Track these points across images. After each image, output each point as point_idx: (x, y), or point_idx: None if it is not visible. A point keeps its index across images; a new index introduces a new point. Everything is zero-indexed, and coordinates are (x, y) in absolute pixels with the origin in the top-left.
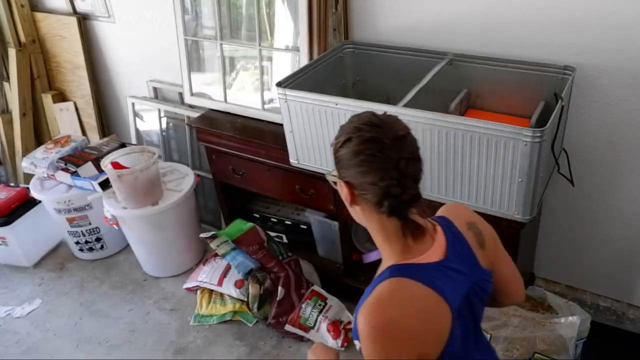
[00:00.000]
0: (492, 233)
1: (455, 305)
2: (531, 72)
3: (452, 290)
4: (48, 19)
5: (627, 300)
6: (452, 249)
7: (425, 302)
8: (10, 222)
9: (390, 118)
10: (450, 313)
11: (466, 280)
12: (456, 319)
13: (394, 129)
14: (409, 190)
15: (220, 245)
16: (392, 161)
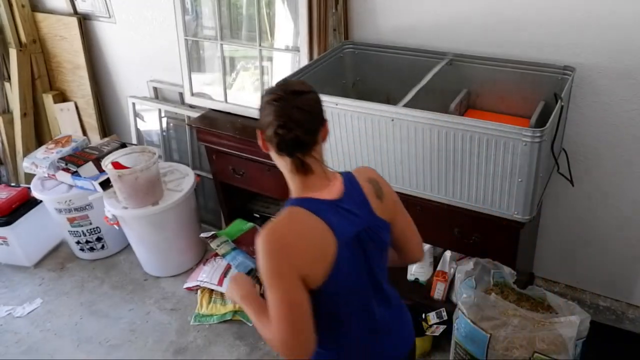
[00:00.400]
0: (392, 192)
1: (342, 237)
2: (531, 72)
3: (341, 224)
4: (49, 19)
5: (626, 300)
6: (347, 193)
7: (311, 226)
8: (11, 222)
9: (297, 81)
10: (335, 242)
11: (358, 221)
12: (342, 249)
13: (294, 87)
14: (293, 132)
15: (221, 245)
16: (283, 109)
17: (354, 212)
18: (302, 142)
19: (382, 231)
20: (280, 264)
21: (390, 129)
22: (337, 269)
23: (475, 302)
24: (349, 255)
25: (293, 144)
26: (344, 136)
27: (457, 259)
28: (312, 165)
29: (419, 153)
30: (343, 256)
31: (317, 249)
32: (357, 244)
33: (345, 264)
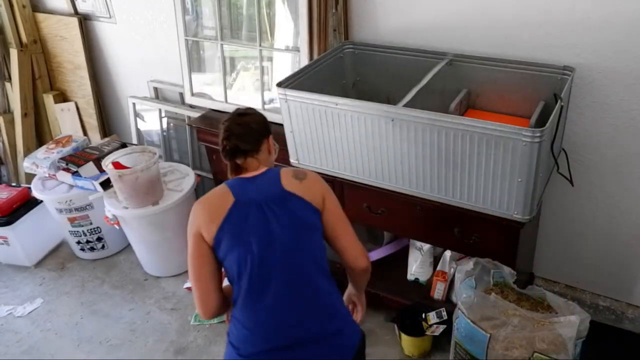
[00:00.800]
0: (320, 185)
1: (239, 198)
2: (531, 72)
3: (242, 191)
4: (49, 19)
5: (626, 299)
6: (263, 174)
7: (218, 194)
8: (11, 222)
9: (245, 107)
10: (232, 201)
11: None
12: (235, 206)
13: (239, 111)
14: (232, 142)
15: None
16: (229, 126)
17: (262, 185)
18: (241, 150)
19: (292, 203)
20: (189, 225)
21: (390, 129)
22: (227, 220)
23: (475, 302)
24: (243, 212)
25: (232, 152)
26: (344, 136)
27: (457, 259)
28: (248, 167)
29: (419, 153)
30: (234, 211)
31: (215, 208)
32: (257, 207)
33: (235, 217)
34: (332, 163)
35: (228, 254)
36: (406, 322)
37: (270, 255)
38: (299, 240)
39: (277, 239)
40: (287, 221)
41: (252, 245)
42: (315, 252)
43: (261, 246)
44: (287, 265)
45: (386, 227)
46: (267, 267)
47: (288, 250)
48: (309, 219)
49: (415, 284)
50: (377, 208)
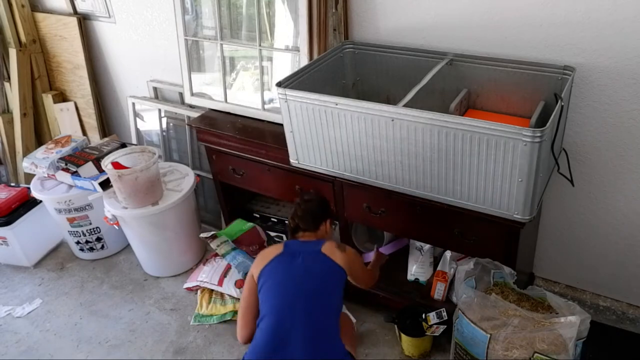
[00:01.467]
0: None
1: (286, 249)
2: (531, 72)
3: (291, 245)
4: (48, 19)
5: (626, 300)
6: (313, 241)
7: (275, 245)
8: (10, 222)
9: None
10: (282, 249)
11: (305, 247)
12: (281, 256)
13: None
14: (294, 222)
15: (220, 245)
16: (295, 209)
17: (307, 245)
18: (300, 228)
19: (326, 263)
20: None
21: (390, 129)
22: (267, 267)
23: (476, 302)
24: (282, 260)
25: (293, 229)
26: (344, 136)
27: (457, 259)
28: (302, 237)
29: (419, 153)
30: (278, 258)
31: (266, 254)
32: (295, 256)
33: (270, 266)
34: (332, 163)
35: (261, 290)
36: (406, 322)
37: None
38: (321, 293)
39: (304, 288)
40: (316, 274)
41: (279, 283)
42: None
43: (286, 287)
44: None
45: (386, 227)
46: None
47: (310, 298)
48: (335, 279)
49: (415, 284)
50: (377, 208)
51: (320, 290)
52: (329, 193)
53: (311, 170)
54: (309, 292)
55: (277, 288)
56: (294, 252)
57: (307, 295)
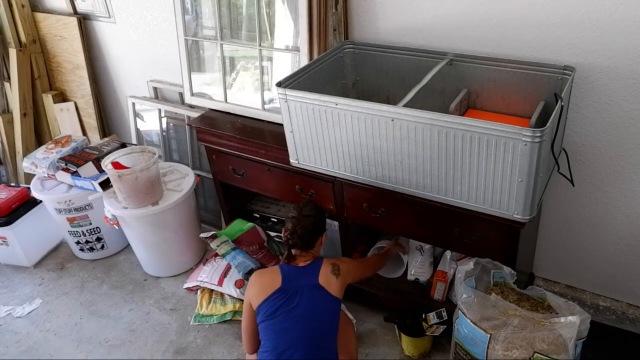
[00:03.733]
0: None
1: (285, 284)
2: (531, 72)
3: (289, 279)
4: (48, 19)
5: (626, 300)
6: (310, 265)
7: (272, 273)
8: (11, 222)
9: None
10: (280, 283)
11: (302, 280)
12: (280, 290)
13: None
14: (294, 239)
15: (220, 245)
16: (294, 225)
17: (304, 276)
18: (297, 246)
19: (321, 296)
20: (247, 290)
21: (390, 129)
22: (264, 303)
23: (475, 302)
24: (281, 298)
25: (292, 246)
26: (344, 136)
27: (457, 259)
28: (300, 257)
29: (419, 153)
30: (278, 294)
31: (264, 285)
32: (294, 293)
33: (269, 303)
34: (332, 163)
35: (260, 324)
36: (406, 322)
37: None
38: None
39: (304, 328)
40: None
41: (281, 326)
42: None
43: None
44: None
45: (386, 227)
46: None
47: (310, 337)
48: (332, 310)
49: (415, 284)
50: (377, 208)
51: (320, 331)
52: (328, 193)
53: (311, 170)
54: (309, 335)
55: (279, 333)
56: (293, 290)
57: (308, 337)
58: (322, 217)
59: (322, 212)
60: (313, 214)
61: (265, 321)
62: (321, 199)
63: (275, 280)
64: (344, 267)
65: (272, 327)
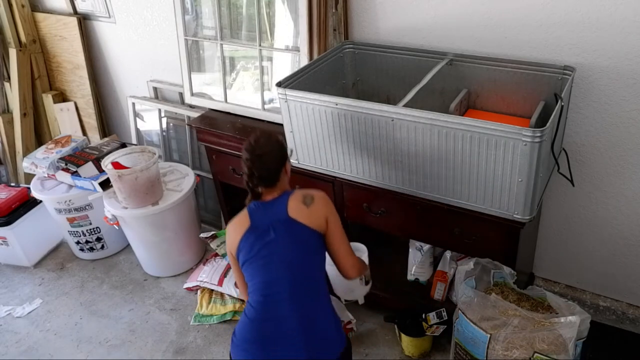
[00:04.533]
0: (327, 211)
1: (254, 222)
2: (531, 72)
3: (258, 217)
4: (48, 19)
5: (626, 300)
6: (277, 199)
7: (241, 217)
8: (11, 222)
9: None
10: (249, 222)
11: (271, 215)
12: (251, 229)
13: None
14: (254, 182)
15: (220, 245)
16: (250, 167)
17: (273, 210)
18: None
19: (296, 229)
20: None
21: (390, 129)
22: (240, 244)
23: (475, 302)
24: (251, 239)
25: (254, 192)
26: (344, 136)
27: (457, 259)
28: (266, 194)
29: (419, 153)
30: (249, 234)
31: (236, 231)
32: (266, 229)
33: (244, 244)
34: (332, 163)
35: (243, 267)
36: (406, 322)
37: (276, 272)
38: (301, 261)
39: (284, 260)
40: (292, 245)
41: (261, 262)
42: (316, 273)
43: (268, 265)
44: (292, 281)
45: (386, 227)
46: (273, 284)
47: (293, 269)
48: (311, 244)
49: (415, 284)
50: (377, 208)
51: (301, 260)
52: (329, 193)
53: (311, 170)
54: (290, 265)
55: (260, 269)
56: (263, 227)
57: (289, 268)
58: (279, 148)
59: (277, 143)
60: (267, 150)
61: (245, 263)
62: None
63: (244, 221)
64: (318, 198)
65: (253, 265)
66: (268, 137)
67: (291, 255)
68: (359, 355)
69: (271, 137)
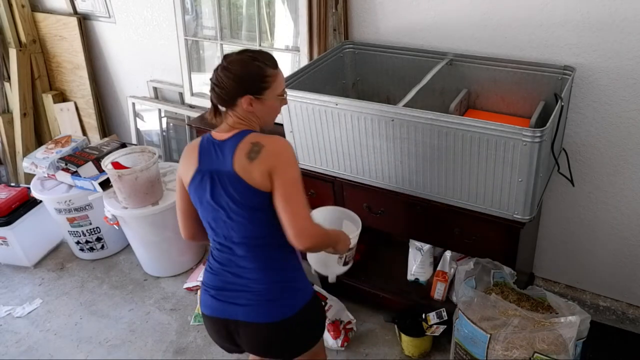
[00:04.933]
0: (273, 160)
1: (201, 165)
2: (531, 72)
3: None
4: (48, 19)
5: (626, 300)
6: (227, 141)
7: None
8: (11, 222)
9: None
10: (196, 165)
11: (216, 162)
12: (198, 172)
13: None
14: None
15: None
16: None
17: (220, 157)
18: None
19: (239, 185)
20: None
21: (390, 129)
22: (189, 187)
23: (475, 302)
24: (196, 184)
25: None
26: (344, 136)
27: (457, 259)
28: (225, 116)
29: (419, 153)
30: (196, 176)
31: (187, 164)
32: (208, 178)
33: (193, 188)
34: (332, 163)
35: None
36: (406, 322)
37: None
38: (248, 220)
39: (230, 218)
40: (237, 202)
41: (208, 212)
42: (265, 229)
43: (214, 217)
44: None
45: (386, 227)
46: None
47: (240, 228)
48: (254, 202)
49: (415, 284)
50: (377, 208)
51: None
52: (329, 193)
53: (311, 170)
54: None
55: (211, 223)
56: (208, 174)
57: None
58: (249, 73)
59: (253, 68)
60: (236, 67)
61: (196, 207)
62: (321, 198)
63: (193, 157)
64: (266, 150)
65: (204, 216)
66: (252, 58)
67: (238, 214)
68: (359, 355)
69: (255, 60)
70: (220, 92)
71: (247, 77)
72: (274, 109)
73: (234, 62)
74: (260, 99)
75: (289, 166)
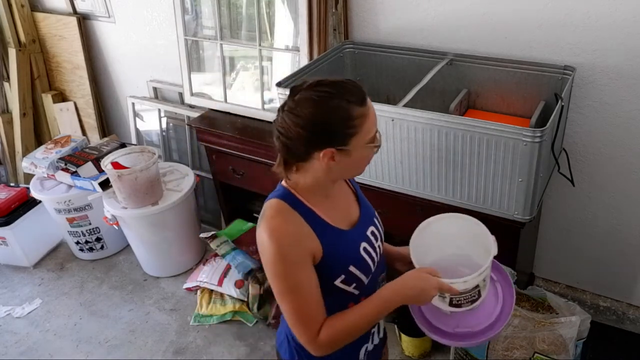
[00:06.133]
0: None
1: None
2: (531, 72)
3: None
4: (48, 19)
5: (627, 300)
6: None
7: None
8: (10, 222)
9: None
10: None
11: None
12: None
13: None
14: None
15: (220, 245)
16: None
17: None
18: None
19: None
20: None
21: (390, 129)
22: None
23: None
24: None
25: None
26: None
27: None
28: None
29: (419, 153)
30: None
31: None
32: None
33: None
34: None
35: None
36: (406, 322)
37: None
38: None
39: None
40: None
41: None
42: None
43: None
44: None
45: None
46: None
47: None
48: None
49: None
50: (377, 208)
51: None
52: None
53: None
54: None
55: None
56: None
57: None
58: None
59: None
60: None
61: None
62: None
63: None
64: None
65: None
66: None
67: None
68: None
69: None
70: (287, 143)
71: (323, 123)
72: (362, 160)
73: (304, 101)
74: (344, 151)
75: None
